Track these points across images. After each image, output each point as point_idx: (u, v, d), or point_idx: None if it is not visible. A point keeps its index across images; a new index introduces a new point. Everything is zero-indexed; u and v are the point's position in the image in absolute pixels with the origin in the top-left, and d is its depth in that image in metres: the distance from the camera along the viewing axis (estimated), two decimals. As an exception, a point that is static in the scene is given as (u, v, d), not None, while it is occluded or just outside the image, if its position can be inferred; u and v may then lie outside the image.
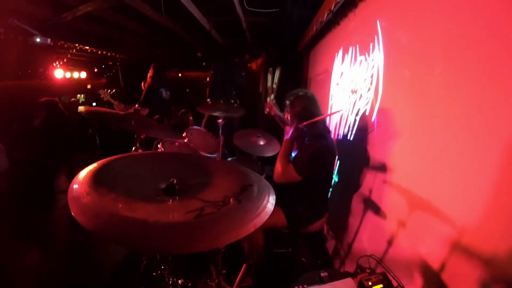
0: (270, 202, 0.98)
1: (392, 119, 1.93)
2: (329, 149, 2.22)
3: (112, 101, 4.28)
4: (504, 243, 0.98)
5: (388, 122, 1.97)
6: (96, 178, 0.97)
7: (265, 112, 2.75)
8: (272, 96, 2.56)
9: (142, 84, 4.82)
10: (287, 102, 2.32)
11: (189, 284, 2.13)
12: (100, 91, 4.24)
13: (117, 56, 6.83)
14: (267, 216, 0.92)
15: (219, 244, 0.79)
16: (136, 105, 4.22)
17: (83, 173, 1.01)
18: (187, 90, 6.65)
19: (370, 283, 1.51)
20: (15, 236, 3.05)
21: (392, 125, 1.92)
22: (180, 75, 6.87)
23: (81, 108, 1.88)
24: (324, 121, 2.37)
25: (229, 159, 3.11)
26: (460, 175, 1.25)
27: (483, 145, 1.12)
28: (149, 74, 4.67)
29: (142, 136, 2.20)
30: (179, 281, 2.07)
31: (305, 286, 1.56)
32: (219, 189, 1.05)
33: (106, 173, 1.04)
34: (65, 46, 5.73)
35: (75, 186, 0.93)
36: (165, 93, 4.68)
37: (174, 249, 0.90)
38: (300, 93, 2.31)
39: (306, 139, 2.27)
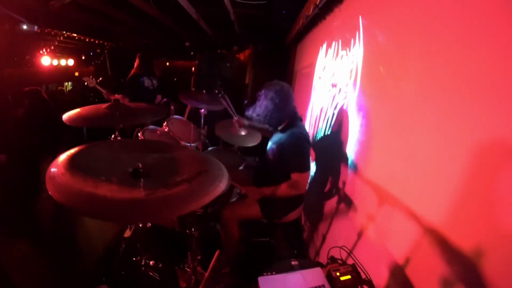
0: (219, 187, 1.09)
1: (367, 115, 1.94)
2: (303, 135, 2.24)
3: (100, 88, 4.18)
4: (467, 242, 0.99)
5: (364, 117, 1.98)
6: (72, 161, 1.10)
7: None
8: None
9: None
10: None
11: (160, 266, 2.16)
12: (85, 78, 4.11)
13: (105, 43, 6.72)
14: (211, 198, 1.05)
15: (163, 216, 1.05)
16: (118, 95, 4.17)
17: (63, 157, 1.14)
18: (175, 79, 6.61)
19: (338, 274, 1.54)
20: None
21: (367, 121, 1.93)
22: (168, 64, 6.81)
23: (65, 117, 1.89)
24: (288, 109, 2.31)
25: (209, 148, 3.12)
26: (428, 173, 1.26)
27: (452, 145, 1.13)
28: (135, 64, 4.58)
29: (121, 125, 2.21)
30: (151, 262, 2.10)
31: (273, 273, 1.60)
32: (178, 173, 1.17)
33: (82, 157, 1.17)
34: (52, 33, 5.62)
35: (53, 169, 1.05)
36: (148, 82, 4.52)
37: (126, 219, 1.22)
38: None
39: (282, 136, 2.30)
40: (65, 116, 1.83)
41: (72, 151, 1.19)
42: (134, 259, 2.27)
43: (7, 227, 3.04)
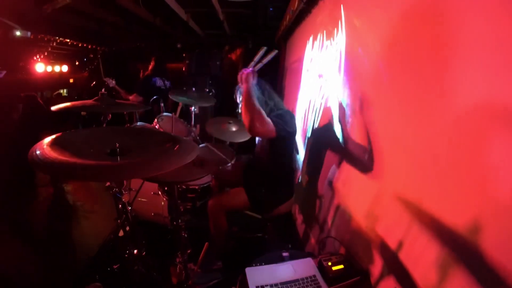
0: (181, 161, 1.16)
1: (353, 102, 1.89)
2: (289, 113, 2.15)
3: (118, 88, 4.39)
4: (462, 217, 0.92)
5: (349, 102, 1.93)
6: (55, 140, 1.18)
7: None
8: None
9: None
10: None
11: (152, 262, 2.11)
12: (105, 79, 4.30)
13: (98, 48, 6.63)
14: (168, 169, 1.10)
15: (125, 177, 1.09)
16: (133, 95, 4.38)
17: (47, 138, 1.20)
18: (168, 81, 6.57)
19: (330, 263, 1.48)
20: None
21: (353, 108, 1.88)
22: (160, 66, 6.77)
23: (54, 108, 1.96)
24: (276, 98, 2.27)
25: (201, 145, 3.05)
26: (415, 153, 1.20)
27: (435, 113, 1.08)
28: (150, 66, 4.73)
29: (108, 118, 2.18)
30: (143, 258, 2.05)
31: (263, 263, 1.53)
32: (149, 152, 1.30)
33: (65, 139, 1.24)
34: (46, 39, 5.51)
35: (37, 150, 1.09)
36: (159, 82, 4.70)
37: (95, 178, 1.50)
38: None
39: None
40: (54, 107, 1.89)
41: (57, 134, 1.25)
42: (126, 255, 2.21)
43: (2, 227, 2.98)
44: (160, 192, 2.62)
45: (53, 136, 1.22)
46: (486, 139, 0.85)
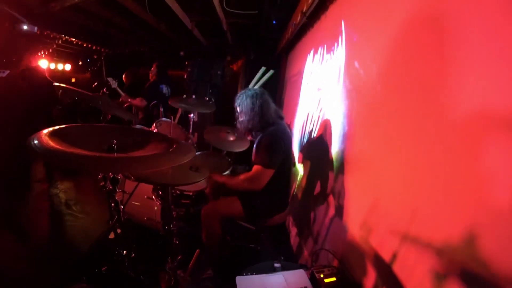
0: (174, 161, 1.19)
1: (350, 115, 1.89)
2: (280, 133, 2.19)
3: (120, 91, 4.41)
4: (457, 226, 0.91)
5: (347, 117, 1.93)
6: (53, 132, 1.20)
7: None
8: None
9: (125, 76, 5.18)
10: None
11: (141, 266, 2.07)
12: (109, 79, 4.34)
13: (102, 50, 6.62)
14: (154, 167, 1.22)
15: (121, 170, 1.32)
16: (138, 99, 4.42)
17: (46, 130, 1.20)
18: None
19: (322, 275, 1.46)
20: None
21: (350, 122, 1.88)
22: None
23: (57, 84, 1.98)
24: (272, 109, 2.30)
25: (197, 153, 3.03)
26: (411, 163, 1.20)
27: (430, 122, 1.09)
28: (152, 72, 4.77)
29: (108, 117, 2.18)
30: (132, 262, 2.00)
31: (254, 273, 1.50)
32: (144, 150, 1.32)
33: (64, 132, 1.26)
34: (51, 36, 5.50)
35: (35, 140, 1.10)
36: (165, 89, 4.77)
37: (91, 168, 1.43)
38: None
39: (259, 135, 2.25)
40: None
41: (56, 127, 1.26)
42: (115, 258, 2.17)
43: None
44: (154, 197, 2.58)
45: (51, 128, 1.23)
46: (482, 146, 0.85)
